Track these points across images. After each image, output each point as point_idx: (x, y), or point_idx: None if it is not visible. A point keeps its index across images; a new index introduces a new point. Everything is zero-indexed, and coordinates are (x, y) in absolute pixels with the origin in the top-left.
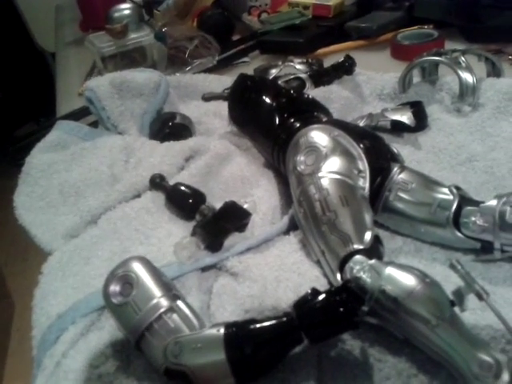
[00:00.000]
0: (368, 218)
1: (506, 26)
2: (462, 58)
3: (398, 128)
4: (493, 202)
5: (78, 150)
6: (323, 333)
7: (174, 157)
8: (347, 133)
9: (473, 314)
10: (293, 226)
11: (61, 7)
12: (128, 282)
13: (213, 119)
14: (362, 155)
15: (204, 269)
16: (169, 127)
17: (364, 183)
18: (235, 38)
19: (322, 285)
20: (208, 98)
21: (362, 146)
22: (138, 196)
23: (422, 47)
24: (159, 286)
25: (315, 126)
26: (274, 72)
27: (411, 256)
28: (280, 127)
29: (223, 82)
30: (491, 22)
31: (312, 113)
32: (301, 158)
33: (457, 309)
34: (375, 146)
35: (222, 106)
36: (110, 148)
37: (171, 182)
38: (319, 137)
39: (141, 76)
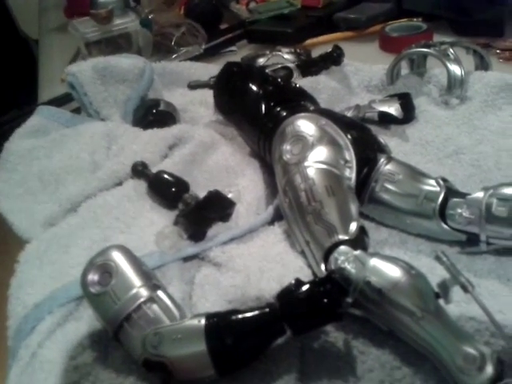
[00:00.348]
0: (354, 208)
1: (495, 20)
2: (451, 50)
3: (385, 120)
4: (479, 194)
5: (59, 137)
6: (306, 324)
7: (157, 144)
8: (334, 122)
9: (458, 307)
10: (278, 217)
11: None
12: (107, 270)
13: (198, 107)
14: (349, 145)
15: (186, 259)
16: (153, 114)
17: (350, 173)
18: (223, 26)
19: (306, 275)
20: (194, 86)
21: (349, 135)
22: (120, 184)
23: (411, 39)
24: (139, 276)
25: (302, 114)
26: (261, 61)
27: (396, 247)
28: (266, 116)
29: (209, 70)
30: (480, 16)
31: (299, 102)
32: (287, 147)
33: (442, 301)
34: (362, 136)
35: (208, 95)
36: (92, 134)
37: (154, 170)
38: (306, 126)
39: (125, 62)
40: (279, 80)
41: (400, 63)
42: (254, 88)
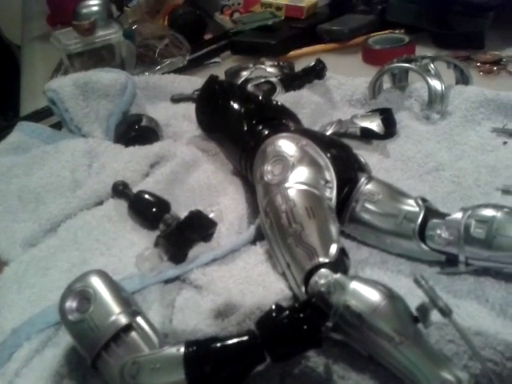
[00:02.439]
0: (334, 229)
1: (476, 33)
2: (432, 66)
3: (367, 135)
4: (458, 215)
5: (39, 154)
6: (286, 351)
7: (138, 163)
8: (315, 142)
9: (437, 329)
10: (259, 236)
11: (28, 0)
12: (85, 297)
13: (181, 122)
14: (330, 165)
15: (167, 281)
16: (135, 130)
17: (331, 194)
18: (207, 36)
19: (287, 298)
20: (177, 99)
21: (329, 155)
22: (100, 203)
23: (393, 52)
24: (118, 302)
25: (283, 134)
26: (244, 74)
27: (377, 268)
28: (248, 134)
29: (193, 82)
30: (461, 29)
31: (280, 120)
32: (268, 167)
33: (421, 325)
34: (343, 155)
35: (191, 108)
36: (73, 152)
37: (135, 190)
38: (287, 146)
39: (107, 76)
40: (260, 98)
41: (382, 77)
42: (236, 106)
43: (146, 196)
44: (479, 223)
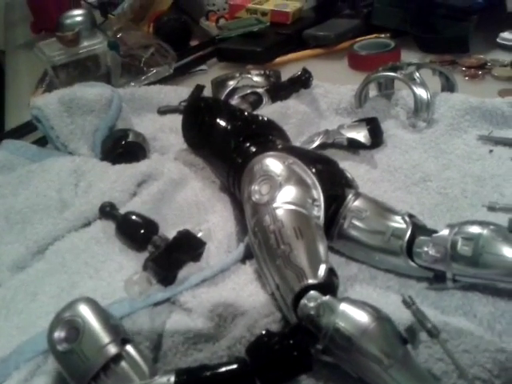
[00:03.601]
0: (322, 249)
1: (460, 37)
2: (417, 74)
3: (354, 145)
4: (445, 232)
5: (25, 173)
6: (277, 378)
7: (125, 183)
8: (301, 159)
9: (426, 348)
10: (248, 254)
11: (11, 6)
12: (74, 326)
13: (168, 135)
14: (317, 183)
15: (157, 303)
16: (121, 146)
17: (318, 212)
18: (193, 42)
19: (277, 320)
20: (163, 111)
21: (316, 172)
22: (88, 224)
23: (379, 57)
24: (107, 331)
25: (270, 153)
26: (231, 84)
27: (366, 284)
28: (235, 151)
29: (179, 93)
30: (445, 33)
31: (267, 136)
32: (255, 187)
33: (410, 345)
34: (329, 172)
35: (178, 120)
36: (59, 171)
37: (123, 210)
38: (273, 165)
39: (92, 92)
40: (246, 113)
41: (368, 86)
42: (222, 123)
43: (134, 217)
44: (465, 240)
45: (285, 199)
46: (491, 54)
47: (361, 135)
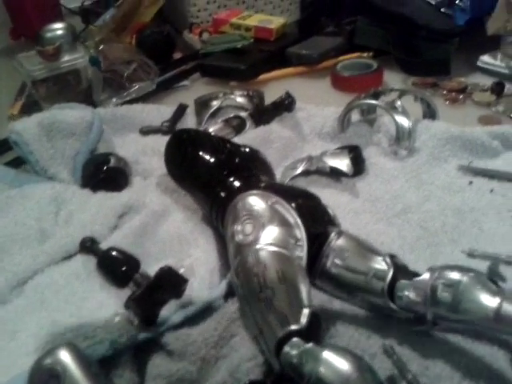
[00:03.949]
0: (305, 292)
1: (442, 59)
2: (398, 103)
3: (336, 173)
4: (425, 276)
5: (4, 199)
6: None
7: (105, 216)
8: (284, 197)
9: None
10: (231, 290)
11: None
12: (55, 375)
13: (151, 158)
14: (299, 223)
15: (138, 344)
16: (103, 172)
17: (301, 252)
18: (176, 55)
19: (259, 364)
20: (146, 131)
21: (298, 210)
22: (68, 257)
23: (361, 79)
24: (89, 381)
25: (253, 191)
26: (215, 104)
27: (348, 323)
28: (219, 185)
29: (162, 112)
30: (427, 55)
31: (251, 170)
32: (238, 227)
33: None
34: (312, 210)
35: (161, 141)
36: (39, 199)
37: (104, 244)
38: (257, 204)
39: (72, 114)
40: (229, 145)
41: (350, 112)
42: (205, 156)
43: (115, 253)
44: (445, 287)
45: (268, 240)
46: (472, 77)
47: (343, 164)
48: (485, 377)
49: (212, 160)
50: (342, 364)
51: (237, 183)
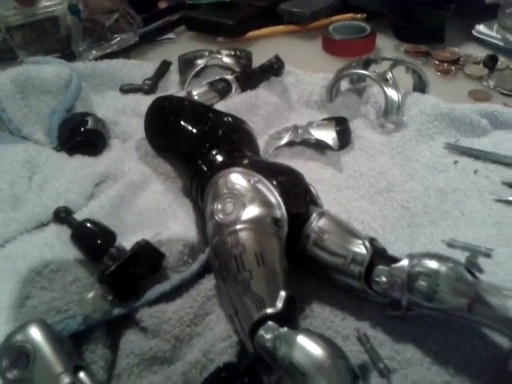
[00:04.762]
0: (283, 275)
1: (436, 26)
2: (390, 74)
3: (321, 145)
4: (404, 263)
5: None
6: None
7: (81, 185)
8: (267, 177)
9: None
10: (208, 267)
11: None
12: (25, 352)
13: (130, 118)
14: (281, 203)
15: (112, 319)
16: (80, 134)
17: (282, 232)
18: (161, 4)
19: (233, 345)
20: (126, 90)
21: (280, 189)
22: (41, 226)
23: (353, 43)
24: (59, 360)
25: (236, 169)
26: (200, 63)
27: (323, 303)
28: (200, 158)
29: (144, 69)
30: (423, 21)
31: (235, 144)
32: (219, 205)
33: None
34: (294, 190)
35: (142, 101)
36: (12, 162)
37: (79, 214)
38: (239, 182)
39: (48, 71)
40: (212, 115)
41: (339, 82)
42: (187, 126)
43: (90, 225)
44: (423, 275)
45: (248, 221)
46: (466, 47)
47: (329, 137)
48: (453, 363)
49: (194, 131)
50: (315, 350)
51: (219, 157)
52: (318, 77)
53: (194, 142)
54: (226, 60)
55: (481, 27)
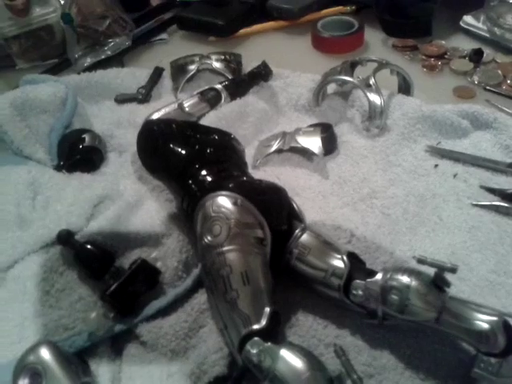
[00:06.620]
0: (267, 292)
1: (424, 18)
2: (373, 80)
3: (308, 152)
4: (378, 277)
5: None
6: None
7: (81, 207)
8: (251, 197)
9: None
10: (201, 281)
11: None
12: (37, 372)
13: (126, 130)
14: (264, 223)
15: (115, 334)
16: (78, 152)
17: (266, 250)
18: (153, 1)
19: (225, 356)
20: (121, 100)
21: (264, 209)
22: (47, 247)
23: (342, 40)
24: (68, 377)
25: (222, 193)
26: (191, 69)
27: (307, 312)
28: (191, 178)
29: (137, 77)
30: (410, 13)
31: (222, 163)
32: (207, 227)
33: None
34: (277, 208)
35: (137, 111)
36: (16, 184)
37: (80, 234)
38: (225, 205)
39: (45, 91)
40: (199, 136)
41: (326, 86)
42: (176, 149)
43: (91, 248)
44: (395, 290)
45: (234, 242)
46: (453, 39)
47: (315, 145)
48: (425, 368)
49: (183, 153)
50: (296, 362)
51: (208, 178)
52: (306, 77)
53: (183, 164)
54: (216, 65)
55: (468, 18)
